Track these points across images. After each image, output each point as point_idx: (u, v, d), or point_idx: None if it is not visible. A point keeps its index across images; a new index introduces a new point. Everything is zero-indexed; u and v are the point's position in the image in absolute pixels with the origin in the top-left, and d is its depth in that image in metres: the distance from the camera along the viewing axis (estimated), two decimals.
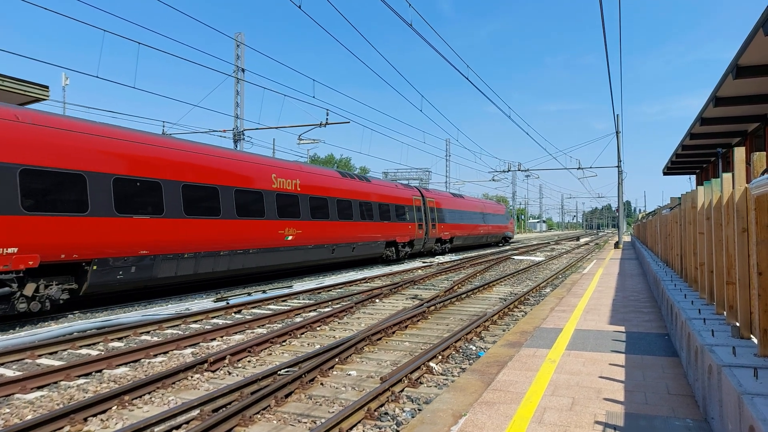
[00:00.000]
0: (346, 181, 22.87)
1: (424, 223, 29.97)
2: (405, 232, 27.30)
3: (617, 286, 13.22)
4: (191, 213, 14.39)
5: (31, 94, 13.50)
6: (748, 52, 8.53)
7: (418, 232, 28.90)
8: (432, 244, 31.65)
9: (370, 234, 23.88)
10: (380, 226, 24.76)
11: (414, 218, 28.52)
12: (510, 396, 4.84)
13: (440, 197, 33.92)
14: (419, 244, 29.51)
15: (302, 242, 19.26)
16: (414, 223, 28.39)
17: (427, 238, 30.45)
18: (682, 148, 17.87)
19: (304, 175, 20.18)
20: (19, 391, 6.38)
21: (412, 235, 28.18)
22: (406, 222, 27.37)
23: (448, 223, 34.01)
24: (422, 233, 29.56)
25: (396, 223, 26.30)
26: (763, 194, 3.76)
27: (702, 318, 5.49)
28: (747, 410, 2.91)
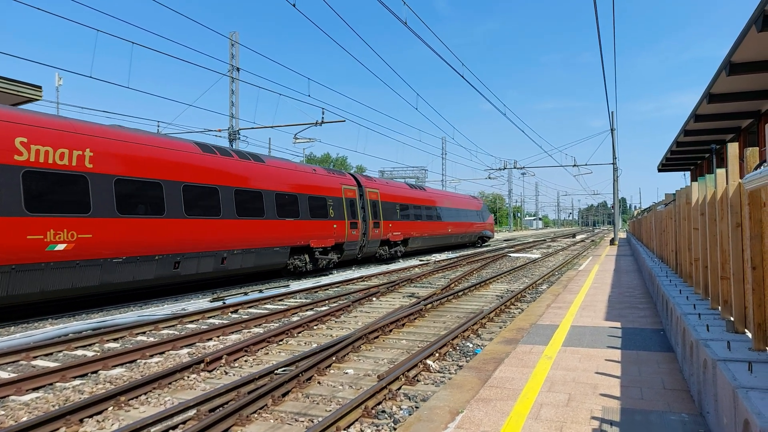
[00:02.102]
0: (210, 158, 15.66)
1: (361, 221, 23.20)
2: (326, 233, 20.42)
3: (613, 283, 13.27)
4: None
5: (24, 95, 13.42)
6: (741, 48, 8.57)
7: (349, 232, 22.10)
8: (375, 248, 24.89)
9: (254, 238, 16.70)
10: (277, 225, 17.71)
11: (343, 215, 21.73)
12: (507, 392, 4.85)
13: (388, 188, 27.23)
14: (352, 249, 22.72)
15: (100, 252, 12.20)
16: (343, 221, 21.57)
17: (366, 241, 23.68)
18: (676, 144, 17.94)
19: (103, 143, 12.64)
20: (14, 392, 6.35)
21: (338, 236, 21.29)
22: (328, 220, 20.56)
23: (401, 221, 27.44)
24: (357, 234, 22.76)
25: (309, 221, 19.37)
26: (756, 189, 3.77)
27: (697, 313, 5.52)
28: (742, 404, 2.93)
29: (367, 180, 25.39)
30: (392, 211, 26.60)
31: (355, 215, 22.80)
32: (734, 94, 11.59)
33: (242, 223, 16.30)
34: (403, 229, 27.69)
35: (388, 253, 26.73)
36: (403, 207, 28.08)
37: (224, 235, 15.54)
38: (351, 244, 22.57)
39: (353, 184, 23.44)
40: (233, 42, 25.56)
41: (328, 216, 20.83)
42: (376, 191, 25.27)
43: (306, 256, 19.62)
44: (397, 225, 27.05)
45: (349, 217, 22.21)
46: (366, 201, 24.12)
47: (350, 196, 22.71)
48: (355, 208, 22.90)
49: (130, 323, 10.36)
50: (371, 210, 24.42)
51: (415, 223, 29.48)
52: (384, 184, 27.16)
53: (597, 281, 13.69)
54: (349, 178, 23.64)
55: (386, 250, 26.49)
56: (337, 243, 21.52)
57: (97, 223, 12.19)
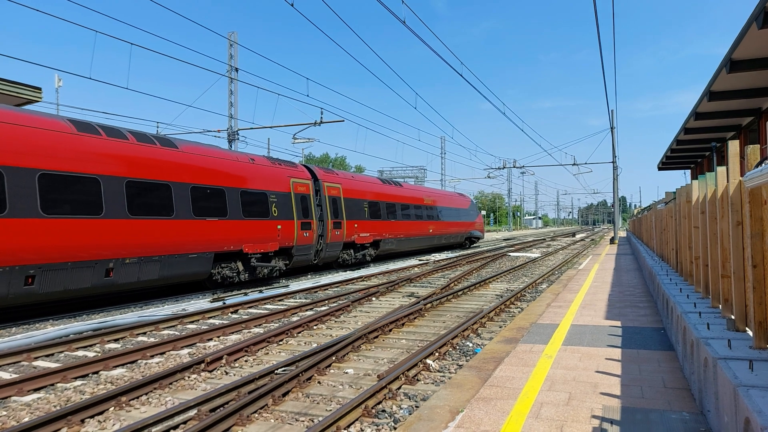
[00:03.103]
0: (88, 141, 12.26)
1: (316, 221, 19.90)
2: (266, 235, 16.97)
3: (613, 282, 13.27)
4: None
5: (24, 96, 13.42)
6: (741, 46, 8.56)
7: (300, 234, 18.74)
8: (336, 252, 21.52)
9: (157, 242, 13.31)
10: (193, 227, 14.32)
11: (292, 213, 18.39)
12: (507, 392, 4.85)
13: (354, 183, 23.67)
14: (304, 254, 19.22)
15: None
16: (292, 220, 18.26)
17: (324, 244, 20.44)
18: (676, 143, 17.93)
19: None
20: (15, 393, 6.35)
21: (285, 239, 17.94)
22: (269, 219, 17.16)
23: (370, 221, 24.07)
24: (311, 236, 19.40)
25: (242, 221, 16.01)
26: (757, 187, 3.77)
27: (697, 311, 5.52)
28: (743, 402, 2.92)
29: (327, 173, 22.00)
30: (359, 209, 23.18)
31: (308, 214, 19.41)
32: (735, 91, 11.58)
33: (137, 224, 12.88)
34: (372, 229, 24.23)
35: (354, 258, 23.10)
36: (373, 205, 24.62)
37: (109, 239, 12.29)
38: (303, 249, 19.08)
39: (307, 177, 20.02)
40: (232, 42, 25.55)
41: (270, 215, 17.28)
42: (337, 186, 21.91)
43: (239, 263, 16.25)
44: (366, 225, 23.62)
45: (300, 216, 18.82)
46: (324, 197, 20.82)
47: (302, 191, 19.36)
48: (308, 206, 19.54)
49: (131, 324, 10.36)
50: (331, 208, 21.13)
51: (389, 222, 26.00)
52: (348, 179, 23.63)
53: (597, 280, 13.68)
54: (302, 170, 20.23)
55: (351, 255, 22.90)
56: (284, 247, 18.06)
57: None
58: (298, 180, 19.40)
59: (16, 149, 10.69)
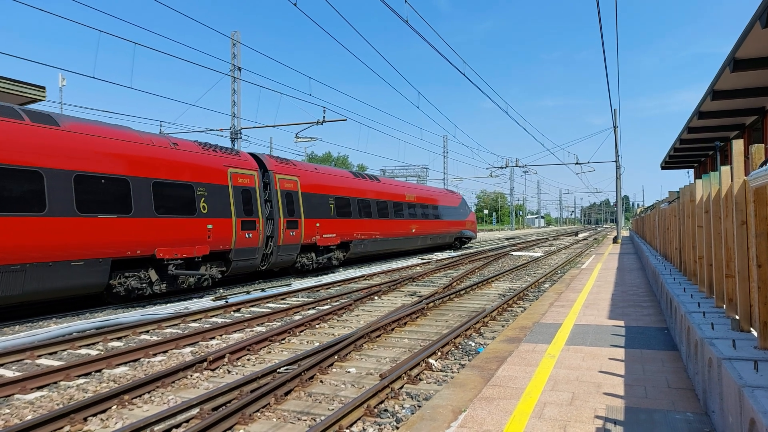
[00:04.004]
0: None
1: (263, 219, 16.96)
2: (191, 236, 14.27)
3: (616, 281, 13.23)
4: None
5: (28, 95, 13.47)
6: (745, 44, 8.51)
7: (241, 236, 15.97)
8: (291, 256, 18.60)
9: (20, 247, 10.60)
10: (76, 226, 11.54)
11: (230, 210, 15.60)
12: (510, 391, 4.84)
13: (316, 176, 20.77)
14: (247, 259, 16.38)
15: None
16: (228, 218, 15.51)
17: (274, 247, 17.59)
18: (680, 142, 17.87)
19: None
20: (18, 391, 6.37)
21: (218, 241, 15.14)
22: (195, 217, 14.41)
23: (337, 219, 21.27)
24: (256, 237, 16.58)
25: (154, 219, 13.28)
26: (761, 186, 3.75)
27: (701, 311, 5.49)
28: (748, 403, 2.91)
29: (281, 164, 18.94)
30: (322, 206, 20.43)
31: (252, 211, 16.54)
32: (739, 90, 11.52)
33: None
34: (340, 229, 21.37)
35: (316, 262, 20.09)
36: (341, 201, 21.81)
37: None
38: (244, 252, 16.16)
39: (252, 167, 17.02)
40: (235, 41, 25.57)
41: (197, 211, 14.47)
42: (293, 179, 18.99)
43: (150, 271, 13.43)
44: (331, 224, 20.76)
45: (240, 214, 15.98)
46: (275, 192, 17.87)
47: (245, 183, 16.44)
48: (252, 201, 16.63)
49: (134, 322, 10.38)
50: (284, 204, 18.19)
51: (361, 221, 23.04)
52: (310, 171, 20.71)
53: (600, 279, 13.65)
54: (247, 159, 17.16)
55: (312, 258, 19.98)
56: (218, 251, 15.25)
57: None
58: (239, 170, 16.37)
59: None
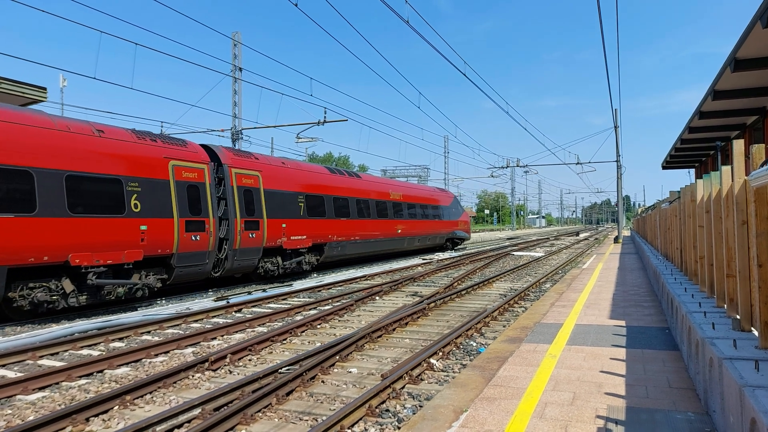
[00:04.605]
0: None
1: (213, 219, 14.83)
2: (118, 239, 12.24)
3: (617, 281, 13.23)
4: None
5: (29, 96, 13.48)
6: (746, 44, 8.51)
7: (185, 238, 13.94)
8: (252, 261, 16.55)
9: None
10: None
11: (171, 209, 13.66)
12: (511, 391, 4.84)
13: (283, 171, 18.62)
14: (196, 264, 14.41)
15: None
16: (170, 218, 13.59)
17: (230, 251, 15.64)
18: (681, 142, 17.86)
19: None
20: (20, 392, 6.38)
21: (158, 246, 13.24)
22: (124, 217, 12.40)
23: (308, 219, 19.16)
24: (206, 240, 14.57)
25: (66, 218, 11.28)
26: (762, 186, 3.75)
27: (702, 311, 5.50)
28: (748, 402, 2.91)
29: (238, 156, 16.79)
30: (290, 204, 18.33)
31: (200, 210, 14.53)
32: (739, 90, 11.52)
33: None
34: (312, 230, 19.32)
35: (282, 267, 17.88)
36: (313, 199, 19.78)
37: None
38: (191, 257, 14.18)
39: (200, 160, 14.94)
40: (236, 42, 25.59)
41: (127, 210, 12.45)
42: (254, 174, 16.92)
43: (65, 281, 11.43)
44: (301, 225, 18.68)
45: (185, 213, 14.01)
46: (231, 188, 15.87)
47: (191, 178, 14.43)
48: (201, 199, 14.64)
49: (135, 323, 10.39)
50: (242, 202, 16.16)
51: (338, 222, 21.07)
52: (275, 165, 18.47)
53: (601, 279, 13.65)
54: (195, 150, 15.01)
55: (278, 263, 17.77)
56: (155, 256, 13.23)
57: None
58: (185, 163, 14.34)
59: None
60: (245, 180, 16.57)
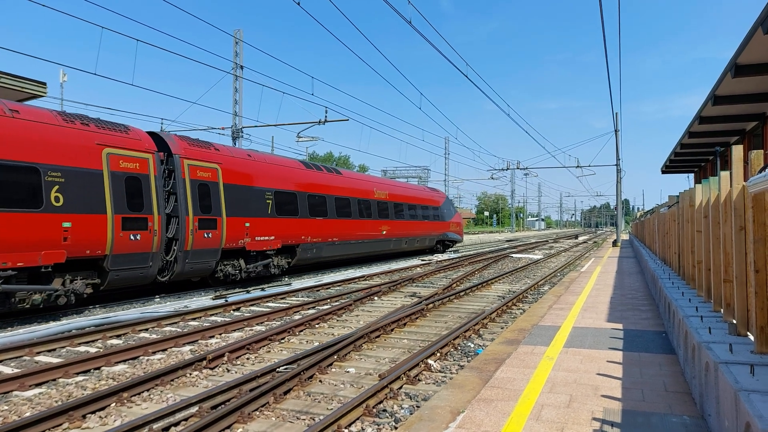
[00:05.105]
0: None
1: (159, 216, 13.21)
2: (32, 238, 10.53)
3: (615, 284, 13.25)
4: None
5: (29, 91, 13.47)
6: (747, 50, 8.55)
7: (121, 237, 12.22)
8: (208, 264, 14.83)
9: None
10: None
11: (105, 204, 11.93)
12: (508, 393, 4.86)
13: (246, 165, 16.74)
14: (136, 267, 12.71)
15: None
16: (104, 215, 11.87)
17: (180, 252, 13.93)
18: (680, 146, 17.90)
19: None
20: (17, 388, 6.38)
21: (87, 246, 11.49)
22: (40, 212, 10.71)
23: (277, 218, 17.45)
24: (149, 240, 12.88)
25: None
26: (760, 192, 3.77)
27: (699, 315, 5.51)
28: (743, 407, 2.93)
29: (194, 146, 14.97)
30: (256, 201, 16.61)
31: (141, 205, 12.81)
32: (740, 96, 11.55)
33: None
34: (282, 230, 17.61)
35: (245, 271, 16.23)
36: (284, 196, 17.98)
37: None
38: (129, 259, 12.46)
39: (144, 149, 13.19)
40: (237, 40, 25.60)
41: (44, 204, 10.76)
42: (212, 167, 15.18)
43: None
44: (268, 224, 16.94)
45: (122, 209, 12.30)
46: (182, 181, 14.16)
47: (131, 169, 12.71)
48: (143, 193, 12.93)
49: (133, 320, 10.39)
50: (196, 198, 14.46)
51: (313, 221, 19.40)
52: (239, 158, 16.66)
53: (599, 283, 13.67)
54: (137, 136, 13.22)
55: (240, 266, 16.08)
56: (83, 258, 11.53)
57: None
58: (124, 152, 12.57)
59: None
60: (201, 173, 14.83)
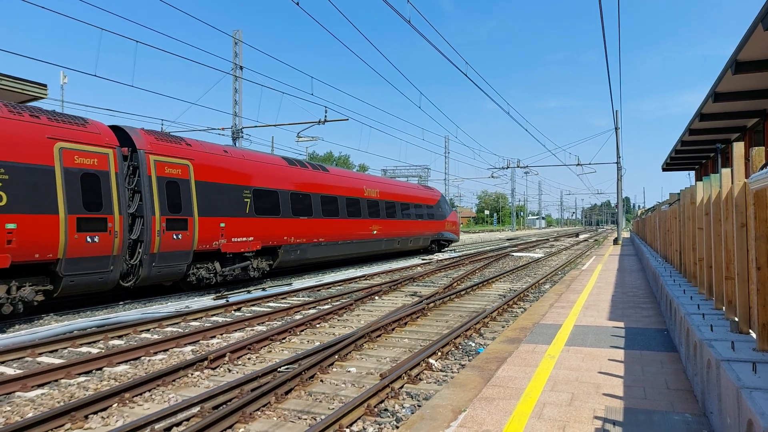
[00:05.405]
0: None
1: (120, 216, 12.24)
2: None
3: (616, 282, 13.24)
4: None
5: (30, 93, 13.48)
6: (747, 47, 8.53)
7: (78, 241, 11.30)
8: (178, 267, 13.86)
9: None
10: None
11: (57, 203, 11.04)
12: (509, 392, 4.85)
13: (221, 161, 15.64)
14: (95, 273, 11.74)
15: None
16: (55, 215, 10.99)
17: (146, 255, 12.94)
18: (681, 144, 17.88)
19: None
20: (20, 389, 6.39)
21: (35, 249, 10.64)
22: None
23: (257, 218, 16.51)
24: (109, 242, 11.91)
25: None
26: (761, 189, 3.76)
27: (701, 313, 5.51)
28: (745, 404, 2.92)
29: (162, 141, 13.93)
30: (232, 200, 15.60)
31: (100, 204, 11.80)
32: (740, 93, 11.53)
33: None
34: (262, 231, 16.64)
35: (221, 275, 15.34)
36: (264, 194, 17.00)
37: None
38: (86, 264, 11.44)
39: (104, 143, 12.11)
40: (237, 40, 25.59)
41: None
42: (182, 163, 14.16)
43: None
44: (246, 224, 16.01)
45: (77, 209, 11.34)
46: (148, 179, 13.18)
47: (88, 165, 11.66)
48: (102, 191, 11.88)
49: (134, 321, 10.40)
50: (163, 196, 13.48)
51: (297, 221, 18.43)
52: (215, 153, 15.56)
53: (600, 281, 13.66)
54: (96, 130, 12.14)
55: (215, 269, 15.19)
56: (31, 262, 10.62)
57: None
58: (79, 146, 11.50)
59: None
60: (170, 170, 13.79)
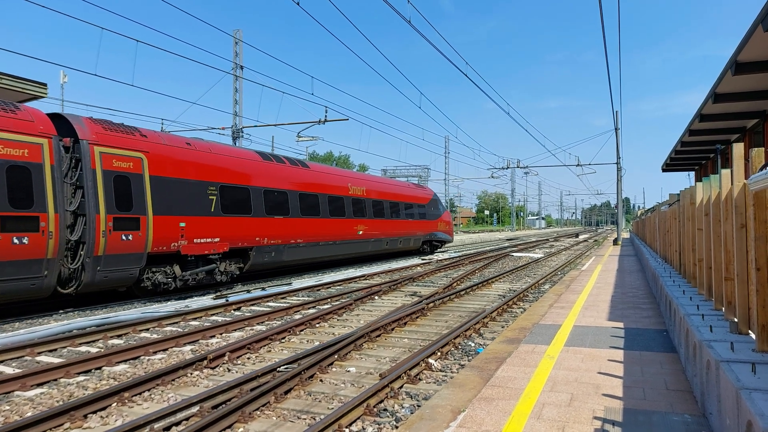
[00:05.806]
0: None
1: (55, 215, 10.92)
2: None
3: (616, 283, 13.24)
4: None
5: (29, 92, 13.48)
6: (747, 48, 8.53)
7: (4, 243, 10.00)
8: (129, 272, 12.56)
9: None
10: None
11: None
12: (509, 392, 4.85)
13: (182, 154, 14.28)
14: (15, 278, 10.24)
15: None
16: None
17: (88, 258, 11.61)
18: (681, 144, 17.88)
19: None
20: (18, 388, 6.38)
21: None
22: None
23: (223, 217, 15.19)
24: (42, 244, 10.62)
25: None
26: (761, 190, 3.76)
27: (700, 314, 5.51)
28: (745, 405, 2.92)
29: (111, 131, 12.56)
30: (195, 197, 14.29)
31: (30, 201, 10.55)
32: (740, 93, 11.53)
33: None
34: (229, 231, 15.36)
35: (181, 279, 14.08)
36: (232, 191, 15.68)
37: None
38: (10, 269, 10.16)
39: (34, 131, 10.83)
40: (237, 40, 25.59)
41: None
42: (135, 156, 12.83)
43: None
44: (211, 224, 14.74)
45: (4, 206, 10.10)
46: (92, 172, 11.82)
47: (15, 156, 10.40)
48: (32, 186, 10.64)
49: (134, 320, 10.39)
50: (110, 192, 12.14)
51: (271, 220, 17.07)
52: (174, 146, 14.17)
53: (600, 281, 13.66)
54: (27, 116, 10.86)
55: (175, 273, 13.96)
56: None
57: None
58: (4, 135, 10.24)
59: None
60: (119, 163, 12.38)
